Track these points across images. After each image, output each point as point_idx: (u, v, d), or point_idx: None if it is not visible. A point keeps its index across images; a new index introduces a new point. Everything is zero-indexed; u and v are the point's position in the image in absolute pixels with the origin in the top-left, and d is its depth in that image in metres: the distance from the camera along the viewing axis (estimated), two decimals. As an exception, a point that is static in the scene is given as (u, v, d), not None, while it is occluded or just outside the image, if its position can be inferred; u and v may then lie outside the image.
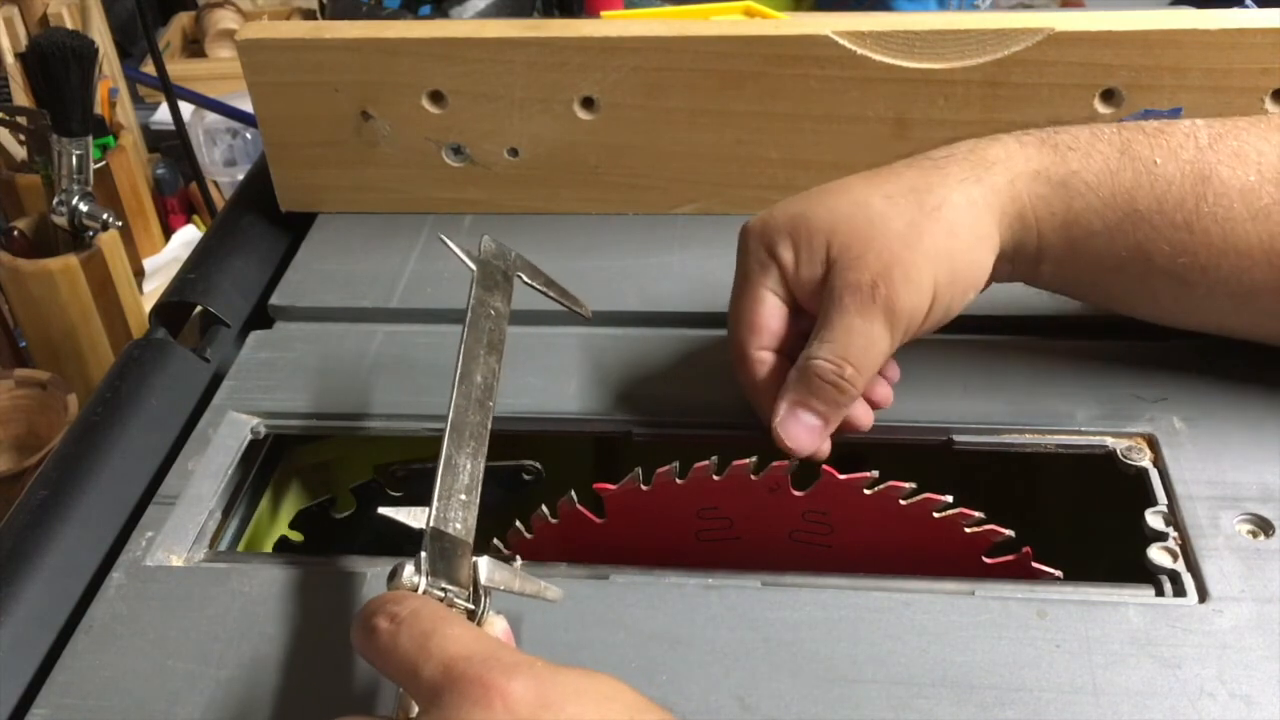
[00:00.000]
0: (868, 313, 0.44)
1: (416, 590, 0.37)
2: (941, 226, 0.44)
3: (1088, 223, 0.46)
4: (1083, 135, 0.47)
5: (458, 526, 0.39)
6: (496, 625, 0.38)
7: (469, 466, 0.41)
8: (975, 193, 0.45)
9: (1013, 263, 0.47)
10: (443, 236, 0.47)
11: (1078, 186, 0.45)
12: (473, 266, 0.47)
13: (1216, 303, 0.47)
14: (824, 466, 0.45)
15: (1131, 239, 0.45)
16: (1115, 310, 0.50)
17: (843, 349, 0.44)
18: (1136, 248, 0.46)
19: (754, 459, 0.45)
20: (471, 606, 0.38)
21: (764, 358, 0.47)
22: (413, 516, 0.38)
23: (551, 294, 0.51)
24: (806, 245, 0.46)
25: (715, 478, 0.46)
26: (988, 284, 0.47)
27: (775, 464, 0.45)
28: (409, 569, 0.37)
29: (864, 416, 0.47)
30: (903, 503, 0.45)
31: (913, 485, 0.45)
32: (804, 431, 0.45)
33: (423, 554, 0.37)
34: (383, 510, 0.39)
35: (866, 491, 0.45)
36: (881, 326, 0.44)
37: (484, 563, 0.38)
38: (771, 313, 0.47)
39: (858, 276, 0.44)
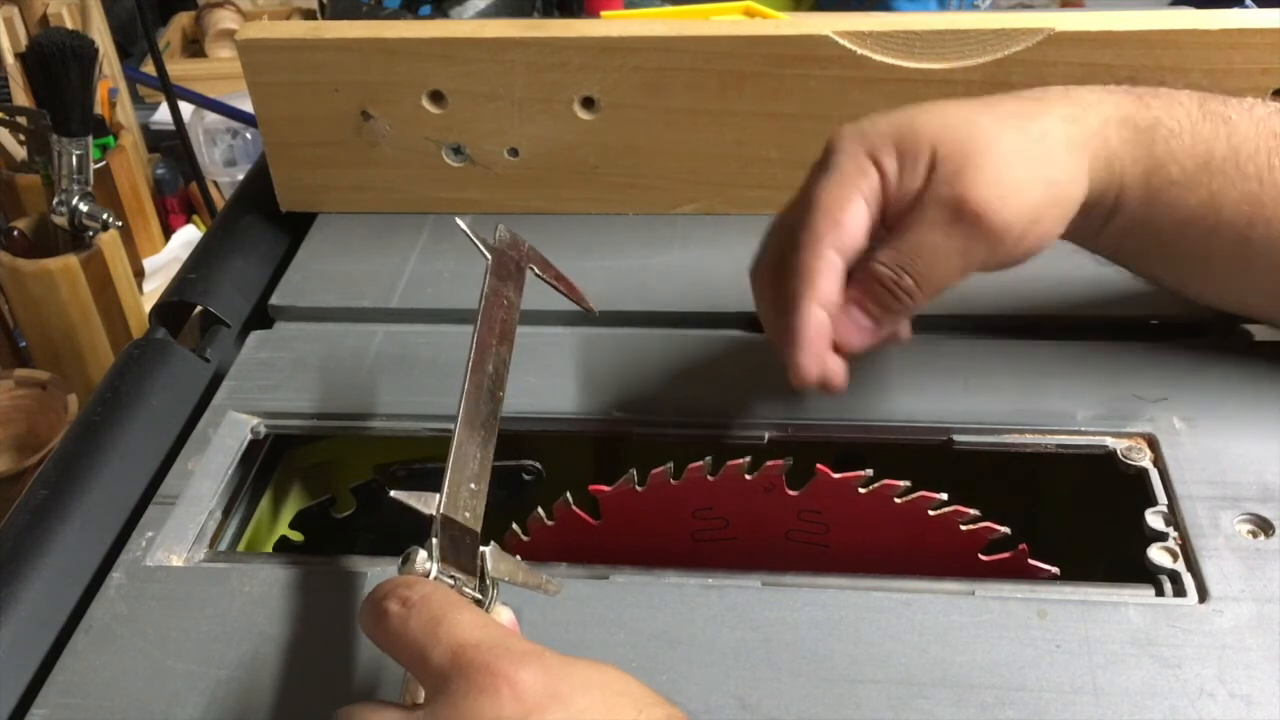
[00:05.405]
0: (949, 230, 0.43)
1: (428, 576, 0.36)
2: (1044, 155, 0.44)
3: (1167, 171, 0.46)
4: (1161, 91, 0.47)
5: (467, 515, 0.39)
6: (503, 615, 0.38)
7: (479, 455, 0.41)
8: (1074, 132, 0.45)
9: (1087, 216, 0.46)
10: (460, 222, 0.46)
11: (1161, 133, 0.46)
12: (488, 255, 0.47)
13: (1273, 260, 0.47)
14: (819, 466, 0.45)
15: (1206, 189, 0.46)
16: (1164, 283, 0.50)
17: (908, 258, 0.43)
18: (1209, 199, 0.46)
19: (748, 459, 0.45)
20: (479, 596, 0.38)
21: (834, 260, 0.44)
22: (423, 502, 0.39)
23: (561, 288, 0.51)
24: (912, 156, 0.44)
25: (710, 478, 0.46)
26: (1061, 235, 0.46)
27: (770, 463, 0.45)
28: (421, 554, 0.37)
29: (903, 329, 0.47)
30: (898, 501, 0.45)
31: (907, 483, 0.45)
32: (852, 329, 0.44)
33: (434, 540, 0.37)
34: (394, 493, 0.39)
35: (861, 490, 0.45)
36: (959, 244, 0.43)
37: (490, 552, 0.38)
38: (859, 217, 0.44)
39: (948, 190, 0.43)
